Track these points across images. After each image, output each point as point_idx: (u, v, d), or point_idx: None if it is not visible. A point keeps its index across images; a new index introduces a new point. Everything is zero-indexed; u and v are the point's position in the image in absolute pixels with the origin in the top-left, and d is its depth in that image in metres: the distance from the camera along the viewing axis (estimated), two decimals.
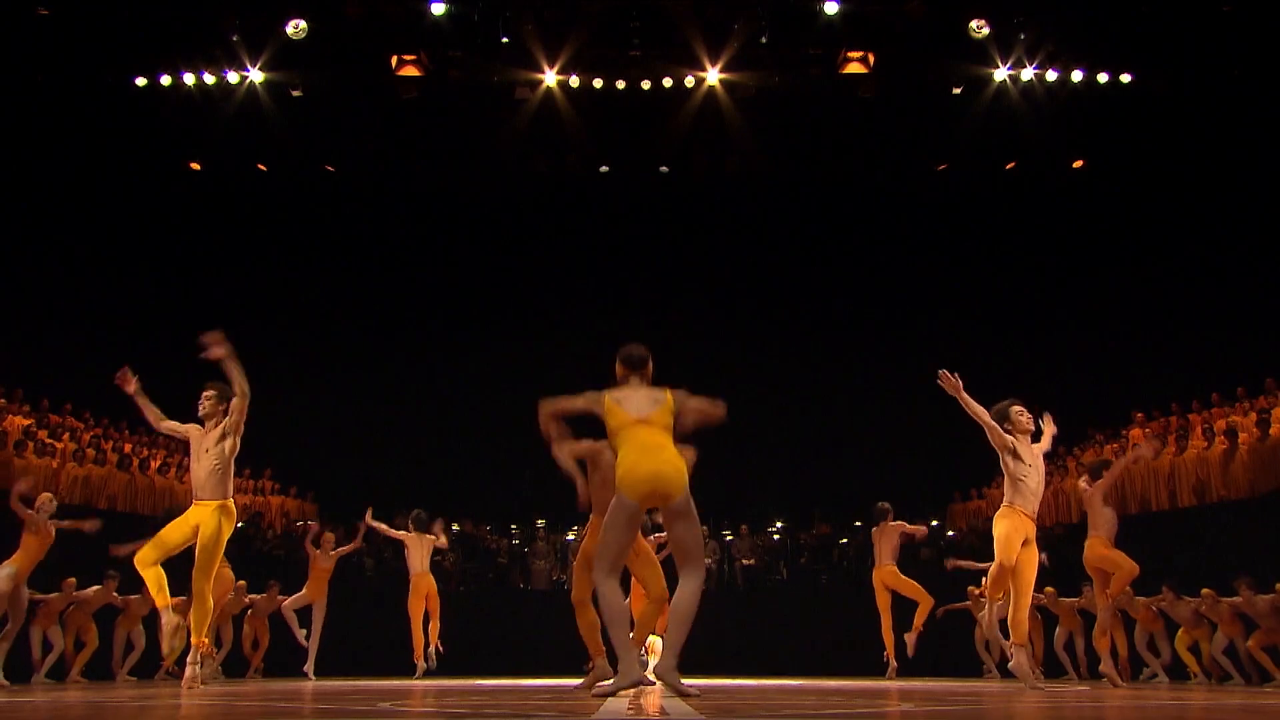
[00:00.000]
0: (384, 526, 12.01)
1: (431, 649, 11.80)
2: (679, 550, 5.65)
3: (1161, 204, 16.32)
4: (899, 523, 11.67)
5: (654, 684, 6.66)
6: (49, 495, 9.97)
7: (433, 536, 11.83)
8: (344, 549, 12.57)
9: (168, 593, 7.37)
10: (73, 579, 10.76)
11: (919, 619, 11.54)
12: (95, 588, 10.98)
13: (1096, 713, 4.74)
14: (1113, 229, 17.33)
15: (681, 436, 5.82)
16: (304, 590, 12.23)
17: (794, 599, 15.03)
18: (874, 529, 11.79)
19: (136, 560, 7.30)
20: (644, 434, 5.61)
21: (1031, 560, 7.43)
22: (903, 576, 11.60)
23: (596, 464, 7.00)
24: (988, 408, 7.55)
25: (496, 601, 15.01)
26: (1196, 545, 12.70)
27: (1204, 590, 10.75)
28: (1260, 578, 10.44)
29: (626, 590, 7.10)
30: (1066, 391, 17.06)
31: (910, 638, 11.60)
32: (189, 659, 7.45)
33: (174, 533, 7.30)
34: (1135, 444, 14.02)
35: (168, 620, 7.41)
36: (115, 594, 11.10)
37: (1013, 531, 7.30)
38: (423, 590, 11.61)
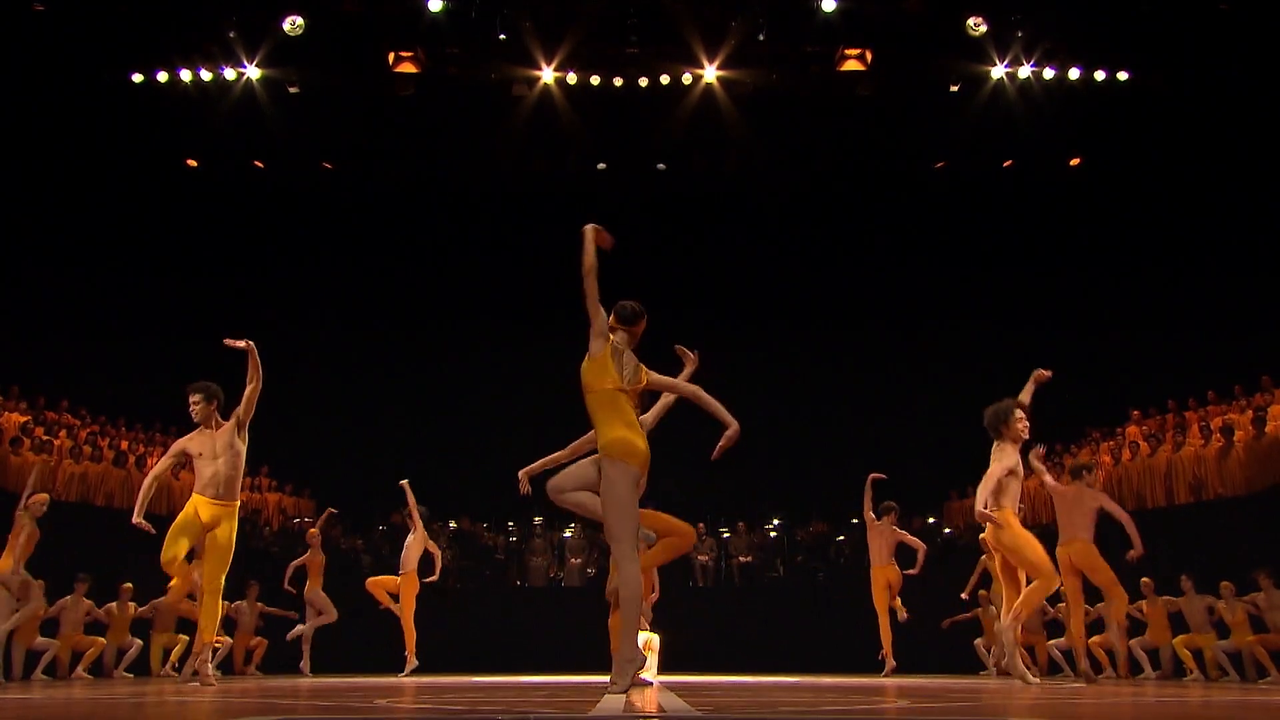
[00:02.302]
0: (412, 502, 11.75)
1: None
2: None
3: (1159, 202, 16.33)
4: (901, 531, 11.69)
5: (651, 682, 6.68)
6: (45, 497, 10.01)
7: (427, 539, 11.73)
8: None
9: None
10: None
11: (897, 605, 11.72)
12: (67, 598, 10.90)
13: (1094, 710, 4.74)
14: (1110, 227, 17.35)
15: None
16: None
17: (791, 596, 15.05)
18: (873, 525, 11.78)
19: (173, 566, 7.38)
20: (627, 404, 5.69)
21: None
22: (900, 581, 11.64)
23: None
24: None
25: (493, 599, 15.03)
26: (1193, 542, 12.72)
27: (1223, 583, 10.75)
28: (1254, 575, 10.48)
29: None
30: (1063, 389, 17.08)
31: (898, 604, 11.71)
32: (203, 657, 7.55)
33: (189, 532, 7.34)
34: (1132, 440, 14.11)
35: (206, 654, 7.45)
36: (95, 606, 11.01)
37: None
38: (412, 589, 11.55)
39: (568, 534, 16.05)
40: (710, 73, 15.82)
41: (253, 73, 15.58)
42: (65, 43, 14.96)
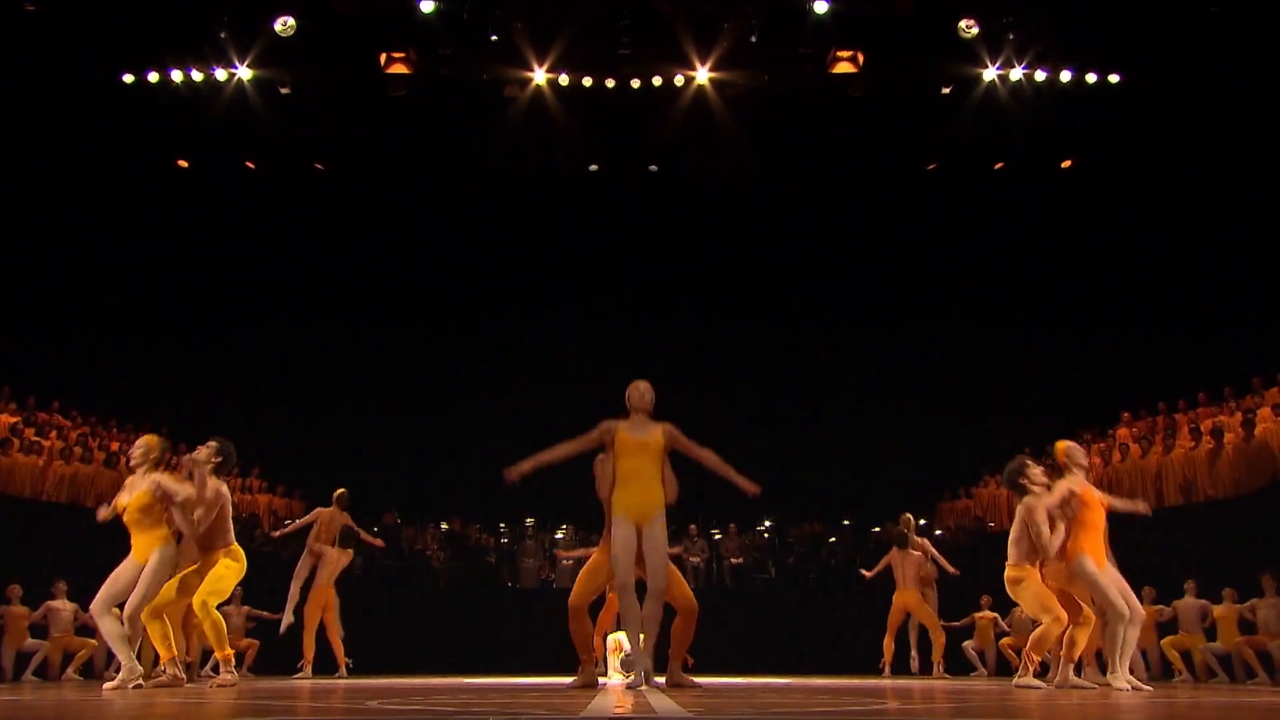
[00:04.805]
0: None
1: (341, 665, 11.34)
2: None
3: (1150, 204, 16.39)
4: (919, 553, 11.63)
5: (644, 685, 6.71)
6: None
7: (349, 552, 11.32)
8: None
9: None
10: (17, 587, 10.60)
11: (937, 654, 11.55)
12: (55, 600, 10.81)
13: (1082, 711, 4.76)
14: (1101, 229, 17.40)
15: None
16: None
17: (782, 597, 15.05)
18: (896, 552, 11.64)
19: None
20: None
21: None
22: (924, 605, 11.59)
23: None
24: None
25: (485, 600, 15.01)
26: (1184, 544, 12.78)
27: (1226, 590, 10.79)
28: (1249, 575, 10.52)
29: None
30: (1054, 391, 17.18)
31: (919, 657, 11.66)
32: (223, 668, 7.51)
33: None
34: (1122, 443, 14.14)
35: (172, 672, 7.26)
36: (80, 609, 10.93)
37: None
38: (320, 601, 11.13)
39: (559, 535, 16.03)
40: (702, 74, 15.82)
41: (244, 73, 15.54)
42: (56, 43, 14.91)
